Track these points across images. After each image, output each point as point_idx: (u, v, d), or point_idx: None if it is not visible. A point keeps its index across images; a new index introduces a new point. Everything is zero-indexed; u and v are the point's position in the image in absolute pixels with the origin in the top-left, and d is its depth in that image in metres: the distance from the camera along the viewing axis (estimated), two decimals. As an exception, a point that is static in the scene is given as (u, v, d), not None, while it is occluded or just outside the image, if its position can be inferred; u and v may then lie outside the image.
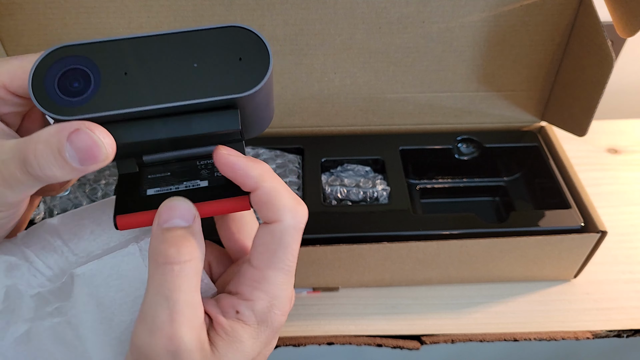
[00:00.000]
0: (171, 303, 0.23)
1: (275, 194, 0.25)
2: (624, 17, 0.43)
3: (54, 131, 0.23)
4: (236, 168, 0.25)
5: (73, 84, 0.24)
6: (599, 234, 0.47)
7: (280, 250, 0.25)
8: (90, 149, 0.23)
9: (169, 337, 0.23)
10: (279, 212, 0.25)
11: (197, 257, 0.24)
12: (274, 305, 0.26)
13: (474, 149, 0.58)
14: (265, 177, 0.25)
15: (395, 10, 0.51)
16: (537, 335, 0.49)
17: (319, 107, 0.57)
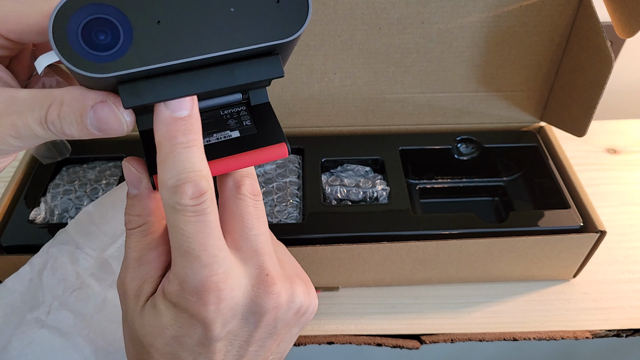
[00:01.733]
0: (125, 257, 0.27)
1: (160, 166, 0.23)
2: (623, 17, 0.43)
3: (79, 96, 0.24)
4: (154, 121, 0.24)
5: (100, 36, 0.21)
6: (598, 233, 0.47)
7: (170, 230, 0.24)
8: (111, 122, 0.24)
9: (121, 280, 0.28)
10: (160, 187, 0.24)
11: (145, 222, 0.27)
12: (184, 289, 0.25)
13: (474, 149, 0.59)
14: (161, 147, 0.23)
15: (395, 11, 0.51)
16: (537, 334, 0.49)
17: (319, 107, 0.58)
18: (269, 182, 0.53)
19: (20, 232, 0.48)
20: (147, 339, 0.26)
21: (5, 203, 0.50)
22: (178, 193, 0.23)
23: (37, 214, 0.49)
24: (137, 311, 0.27)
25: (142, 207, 0.27)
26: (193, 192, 0.23)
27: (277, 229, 0.48)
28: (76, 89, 0.24)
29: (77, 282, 0.36)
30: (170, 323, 0.25)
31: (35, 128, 0.24)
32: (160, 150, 0.23)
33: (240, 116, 0.27)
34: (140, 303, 0.27)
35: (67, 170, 0.55)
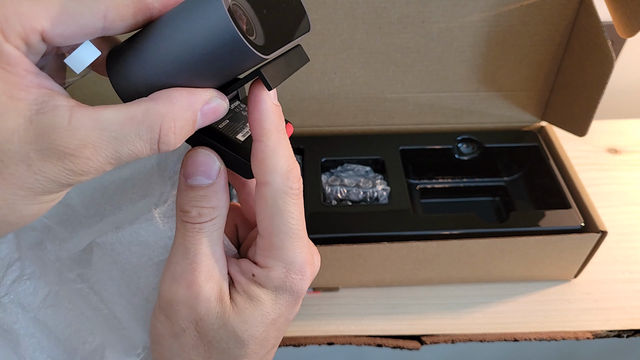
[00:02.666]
0: (191, 254, 0.25)
1: (271, 155, 0.24)
2: (624, 17, 0.43)
3: (187, 103, 0.22)
4: (260, 110, 0.24)
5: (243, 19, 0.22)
6: (599, 234, 0.47)
7: (277, 215, 0.25)
8: (215, 115, 0.23)
9: (188, 284, 0.25)
10: (269, 174, 0.24)
11: (219, 214, 0.26)
12: (290, 271, 0.26)
13: (474, 148, 0.58)
14: (272, 135, 0.24)
15: (395, 10, 0.51)
16: (537, 335, 0.49)
17: (319, 107, 0.57)
18: (269, 182, 0.52)
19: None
20: (248, 333, 0.26)
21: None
22: (291, 178, 0.24)
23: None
24: (227, 310, 0.25)
25: (218, 199, 0.25)
26: (298, 176, 0.25)
27: (277, 229, 0.48)
28: (177, 95, 0.22)
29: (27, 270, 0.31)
30: (272, 308, 0.26)
31: (143, 151, 0.22)
32: (269, 138, 0.24)
33: (245, 109, 0.29)
34: (227, 302, 0.26)
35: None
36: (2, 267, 0.31)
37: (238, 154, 0.25)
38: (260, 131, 0.24)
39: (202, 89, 0.23)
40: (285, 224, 0.25)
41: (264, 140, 0.24)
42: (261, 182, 0.25)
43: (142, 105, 0.22)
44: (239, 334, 0.25)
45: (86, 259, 0.32)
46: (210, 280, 0.25)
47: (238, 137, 0.26)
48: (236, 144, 0.26)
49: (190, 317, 0.25)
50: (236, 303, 0.26)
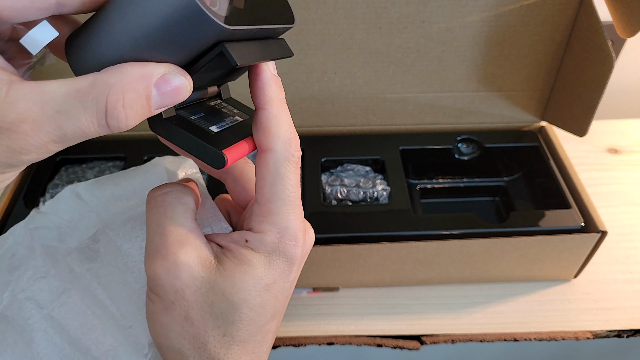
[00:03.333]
0: (160, 229, 0.26)
1: (274, 122, 0.25)
2: (624, 17, 0.43)
3: (139, 76, 0.21)
4: (261, 80, 0.25)
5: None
6: (599, 234, 0.47)
7: (278, 181, 0.25)
8: (175, 93, 0.22)
9: (163, 256, 0.25)
10: (272, 140, 0.25)
11: (176, 188, 0.27)
12: (284, 236, 0.26)
13: (474, 149, 0.58)
14: (274, 102, 0.25)
15: (395, 10, 0.51)
16: (537, 335, 0.49)
17: (319, 107, 0.57)
18: (269, 182, 0.52)
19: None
20: (239, 296, 0.25)
21: (4, 203, 0.50)
22: (292, 145, 0.25)
23: (36, 214, 0.49)
24: (213, 274, 0.25)
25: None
26: (299, 145, 0.26)
27: (277, 229, 0.48)
28: (129, 67, 0.21)
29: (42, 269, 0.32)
30: (265, 272, 0.26)
31: (90, 128, 0.21)
32: (271, 106, 0.25)
33: (225, 107, 0.29)
34: (211, 266, 0.26)
35: (66, 171, 0.55)
36: (18, 265, 0.32)
37: (208, 143, 0.25)
38: (263, 99, 0.25)
39: (157, 63, 0.22)
40: (284, 190, 0.25)
41: (267, 108, 0.25)
42: (264, 149, 0.25)
43: (90, 77, 0.20)
44: (229, 297, 0.25)
45: (94, 249, 0.32)
46: (184, 247, 0.25)
47: (211, 129, 0.26)
48: (208, 134, 0.25)
49: (175, 287, 0.25)
50: (225, 267, 0.25)
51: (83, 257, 0.32)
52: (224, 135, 0.26)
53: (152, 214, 0.26)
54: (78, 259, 0.32)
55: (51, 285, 0.31)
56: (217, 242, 0.27)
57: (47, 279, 0.31)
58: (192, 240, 0.25)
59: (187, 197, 0.27)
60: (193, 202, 0.27)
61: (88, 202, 0.33)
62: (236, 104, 0.31)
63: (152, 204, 0.26)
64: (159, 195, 0.27)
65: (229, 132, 0.26)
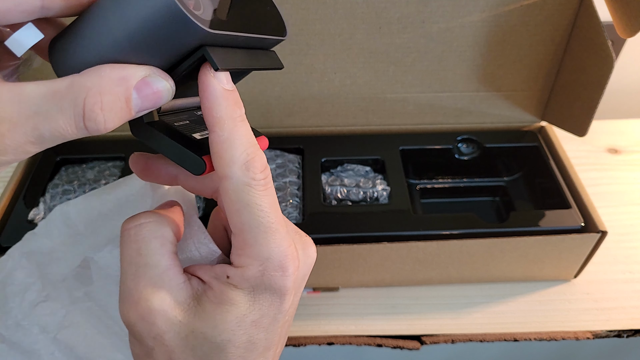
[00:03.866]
0: (133, 268, 0.24)
1: (227, 146, 0.22)
2: (624, 17, 0.43)
3: (118, 77, 0.20)
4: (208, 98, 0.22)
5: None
6: (599, 234, 0.47)
7: (244, 210, 0.23)
8: (156, 96, 0.21)
9: (135, 301, 0.23)
10: (227, 166, 0.22)
11: (151, 219, 0.24)
12: (267, 267, 0.24)
13: (474, 149, 0.58)
14: (224, 124, 0.22)
15: (395, 10, 0.51)
16: (537, 335, 0.49)
17: (319, 107, 0.57)
18: (269, 182, 0.52)
19: (20, 232, 0.47)
20: (221, 337, 0.24)
21: (4, 203, 0.50)
22: (251, 168, 0.23)
23: (36, 214, 0.49)
24: (191, 317, 0.24)
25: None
26: (261, 165, 0.23)
27: (277, 229, 0.48)
28: (108, 69, 0.20)
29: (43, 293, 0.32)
30: (249, 309, 0.24)
31: (68, 130, 0.20)
32: (222, 128, 0.22)
33: None
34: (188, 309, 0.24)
35: (66, 170, 0.55)
36: (19, 292, 0.32)
37: (189, 148, 0.24)
38: (211, 120, 0.22)
39: (138, 65, 0.21)
40: (255, 218, 0.23)
41: (216, 131, 0.22)
42: (221, 176, 0.23)
43: (68, 79, 0.20)
44: (211, 339, 0.23)
45: (86, 275, 0.32)
46: (158, 292, 0.23)
47: (194, 135, 0.25)
48: (189, 140, 0.24)
49: (152, 334, 0.23)
50: (204, 308, 0.24)
51: (78, 281, 0.32)
52: (206, 142, 0.24)
53: (125, 252, 0.24)
54: (74, 284, 0.32)
55: (53, 308, 0.31)
56: (199, 276, 0.25)
57: (48, 303, 0.31)
58: (167, 282, 0.24)
59: (163, 229, 0.25)
60: (171, 233, 0.25)
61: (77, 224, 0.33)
62: None
63: (125, 238, 0.24)
64: (132, 229, 0.24)
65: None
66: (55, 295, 0.32)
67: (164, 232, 0.25)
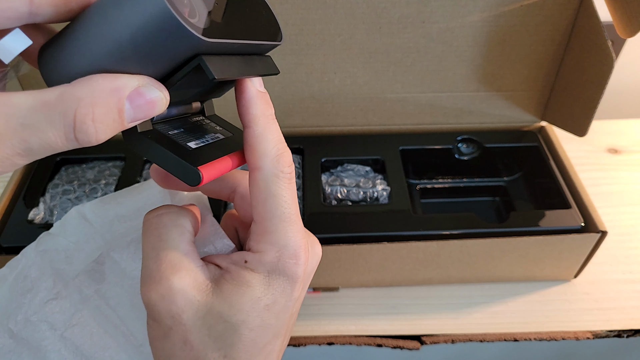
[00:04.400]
0: (154, 254, 0.25)
1: (260, 140, 0.25)
2: (624, 17, 0.43)
3: (110, 89, 0.20)
4: (245, 98, 0.25)
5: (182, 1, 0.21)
6: (599, 234, 0.47)
7: (270, 199, 0.25)
8: (150, 106, 0.21)
9: (157, 281, 0.25)
10: (259, 158, 0.25)
11: (172, 210, 0.26)
12: (283, 254, 0.25)
13: (474, 149, 0.58)
14: (259, 120, 0.25)
15: (395, 10, 0.51)
16: (537, 335, 0.49)
17: (319, 107, 0.57)
18: (269, 182, 0.52)
19: (20, 232, 0.47)
20: (237, 317, 0.25)
21: (4, 203, 0.50)
22: (281, 161, 0.25)
23: (36, 214, 0.49)
24: (210, 297, 0.25)
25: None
26: (289, 160, 0.25)
27: (277, 229, 0.48)
28: (100, 79, 0.20)
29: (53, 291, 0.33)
30: (264, 292, 0.25)
31: (57, 142, 0.20)
32: (257, 124, 0.25)
33: (208, 123, 0.29)
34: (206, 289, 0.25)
35: (66, 170, 0.55)
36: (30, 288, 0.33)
37: (184, 158, 0.24)
38: (248, 117, 0.25)
39: (131, 75, 0.21)
40: (278, 207, 0.25)
41: (252, 126, 0.25)
42: (253, 168, 0.25)
43: (58, 90, 0.20)
44: (227, 319, 0.25)
45: (100, 271, 0.33)
46: (178, 272, 0.25)
47: (189, 144, 0.25)
48: (184, 150, 0.25)
49: (171, 313, 0.25)
50: (222, 289, 0.25)
51: (90, 279, 0.33)
52: (202, 152, 0.25)
53: (147, 238, 0.26)
54: (86, 281, 0.33)
55: (63, 306, 0.32)
56: (217, 264, 0.27)
57: (58, 301, 0.32)
58: (186, 264, 0.25)
59: (182, 219, 0.26)
60: (189, 224, 0.27)
61: (93, 224, 0.34)
62: (220, 122, 0.30)
63: (147, 227, 0.26)
64: (153, 218, 0.26)
65: (209, 149, 0.26)
66: (66, 293, 0.32)
67: (183, 222, 0.26)
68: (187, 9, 0.21)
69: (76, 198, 0.51)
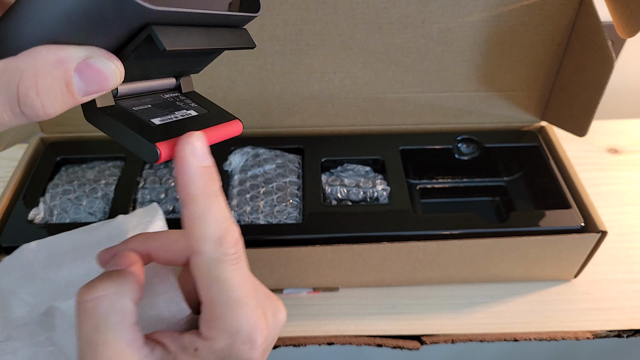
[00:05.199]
0: (92, 347, 0.23)
1: (200, 222, 0.22)
2: (624, 17, 0.43)
3: (55, 59, 0.19)
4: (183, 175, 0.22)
5: None
6: (599, 234, 0.47)
7: (215, 285, 0.23)
8: (102, 78, 0.20)
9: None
10: (198, 242, 0.22)
11: (112, 291, 0.23)
12: (236, 340, 0.24)
13: (474, 149, 0.58)
14: (198, 201, 0.22)
15: (395, 10, 0.51)
16: (537, 335, 0.49)
17: (319, 107, 0.57)
18: (269, 182, 0.52)
19: (20, 232, 0.47)
20: None
21: (4, 203, 0.50)
22: (224, 244, 0.23)
23: (36, 214, 0.49)
24: None
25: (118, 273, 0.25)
26: (233, 239, 0.23)
27: (277, 229, 0.48)
28: (44, 51, 0.19)
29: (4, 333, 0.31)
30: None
31: (4, 117, 0.19)
32: (196, 205, 0.22)
33: (182, 100, 0.27)
34: None
35: (66, 170, 0.55)
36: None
37: (143, 135, 0.22)
38: (185, 198, 0.22)
39: (79, 46, 0.19)
40: (225, 292, 0.23)
41: (190, 207, 0.22)
42: (193, 252, 0.23)
43: (2, 63, 0.19)
44: None
45: (50, 321, 0.31)
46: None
47: (153, 121, 0.24)
48: (145, 126, 0.23)
49: None
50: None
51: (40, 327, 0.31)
52: (166, 129, 0.23)
53: (81, 327, 0.23)
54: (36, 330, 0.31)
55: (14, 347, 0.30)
56: (165, 345, 0.25)
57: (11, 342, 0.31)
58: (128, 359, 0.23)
59: (123, 300, 0.23)
60: (131, 302, 0.24)
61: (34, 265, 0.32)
62: (197, 98, 0.28)
63: (82, 311, 0.23)
64: (88, 302, 0.23)
65: (174, 126, 0.24)
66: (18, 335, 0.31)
67: (124, 304, 0.23)
68: None
69: (76, 198, 0.51)
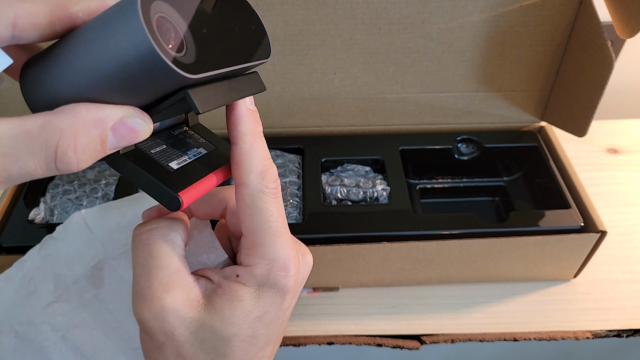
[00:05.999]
0: (146, 270, 0.25)
1: (247, 157, 0.25)
2: (624, 17, 0.43)
3: (93, 119, 0.20)
4: (235, 115, 0.25)
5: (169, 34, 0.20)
6: (599, 233, 0.47)
7: (257, 214, 0.26)
8: (133, 135, 0.22)
9: (149, 300, 0.25)
10: (244, 174, 0.25)
11: (162, 224, 0.27)
12: (273, 267, 0.26)
13: (474, 149, 0.59)
14: (247, 138, 0.25)
15: (395, 11, 0.51)
16: (537, 335, 0.49)
17: (319, 107, 0.57)
18: (269, 182, 0.52)
19: (20, 232, 0.48)
20: (229, 331, 0.26)
21: (4, 203, 0.50)
22: (266, 177, 0.25)
23: (37, 214, 0.49)
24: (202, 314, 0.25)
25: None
26: (274, 176, 0.26)
27: (277, 229, 0.48)
28: (84, 110, 0.20)
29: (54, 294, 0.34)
30: (255, 305, 0.26)
31: (37, 171, 0.20)
32: (244, 141, 0.25)
33: (191, 136, 0.29)
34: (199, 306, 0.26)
35: (67, 170, 0.55)
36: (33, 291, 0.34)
37: (165, 183, 0.23)
38: (235, 134, 0.25)
39: (116, 105, 0.21)
40: (265, 222, 0.26)
41: (239, 143, 0.25)
42: (239, 183, 0.26)
43: (41, 119, 0.19)
44: (219, 332, 0.25)
45: (99, 276, 0.34)
46: (170, 291, 0.25)
47: (170, 165, 0.25)
48: (165, 172, 0.24)
49: (164, 330, 0.25)
50: (214, 304, 0.26)
51: (90, 284, 0.34)
52: (183, 173, 0.25)
53: (136, 254, 0.26)
54: (86, 286, 0.34)
55: (64, 309, 0.33)
56: (209, 277, 0.27)
57: (59, 303, 0.33)
58: (177, 282, 0.25)
59: (172, 234, 0.27)
60: (180, 238, 0.27)
61: (94, 231, 0.35)
62: (203, 132, 0.30)
63: (137, 242, 0.26)
64: (143, 233, 0.26)
65: (190, 168, 0.26)
66: (67, 296, 0.33)
67: (174, 237, 0.27)
68: (174, 41, 0.20)
69: (76, 198, 0.51)
